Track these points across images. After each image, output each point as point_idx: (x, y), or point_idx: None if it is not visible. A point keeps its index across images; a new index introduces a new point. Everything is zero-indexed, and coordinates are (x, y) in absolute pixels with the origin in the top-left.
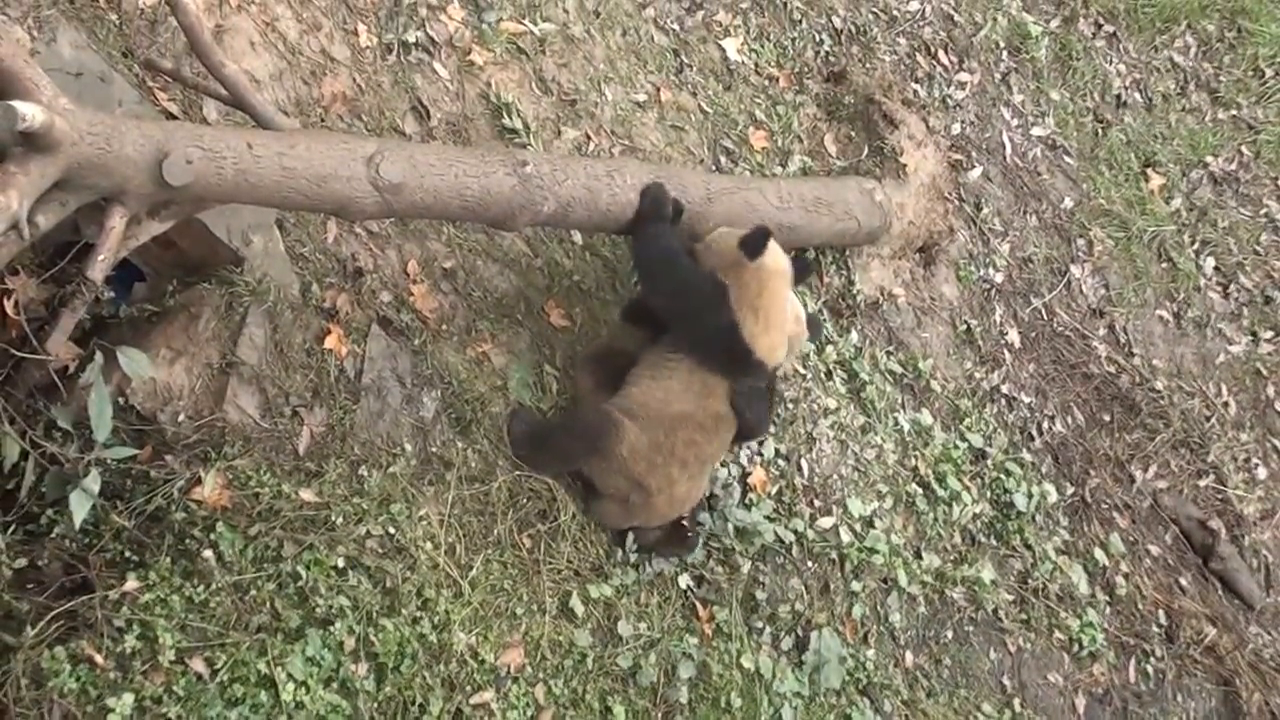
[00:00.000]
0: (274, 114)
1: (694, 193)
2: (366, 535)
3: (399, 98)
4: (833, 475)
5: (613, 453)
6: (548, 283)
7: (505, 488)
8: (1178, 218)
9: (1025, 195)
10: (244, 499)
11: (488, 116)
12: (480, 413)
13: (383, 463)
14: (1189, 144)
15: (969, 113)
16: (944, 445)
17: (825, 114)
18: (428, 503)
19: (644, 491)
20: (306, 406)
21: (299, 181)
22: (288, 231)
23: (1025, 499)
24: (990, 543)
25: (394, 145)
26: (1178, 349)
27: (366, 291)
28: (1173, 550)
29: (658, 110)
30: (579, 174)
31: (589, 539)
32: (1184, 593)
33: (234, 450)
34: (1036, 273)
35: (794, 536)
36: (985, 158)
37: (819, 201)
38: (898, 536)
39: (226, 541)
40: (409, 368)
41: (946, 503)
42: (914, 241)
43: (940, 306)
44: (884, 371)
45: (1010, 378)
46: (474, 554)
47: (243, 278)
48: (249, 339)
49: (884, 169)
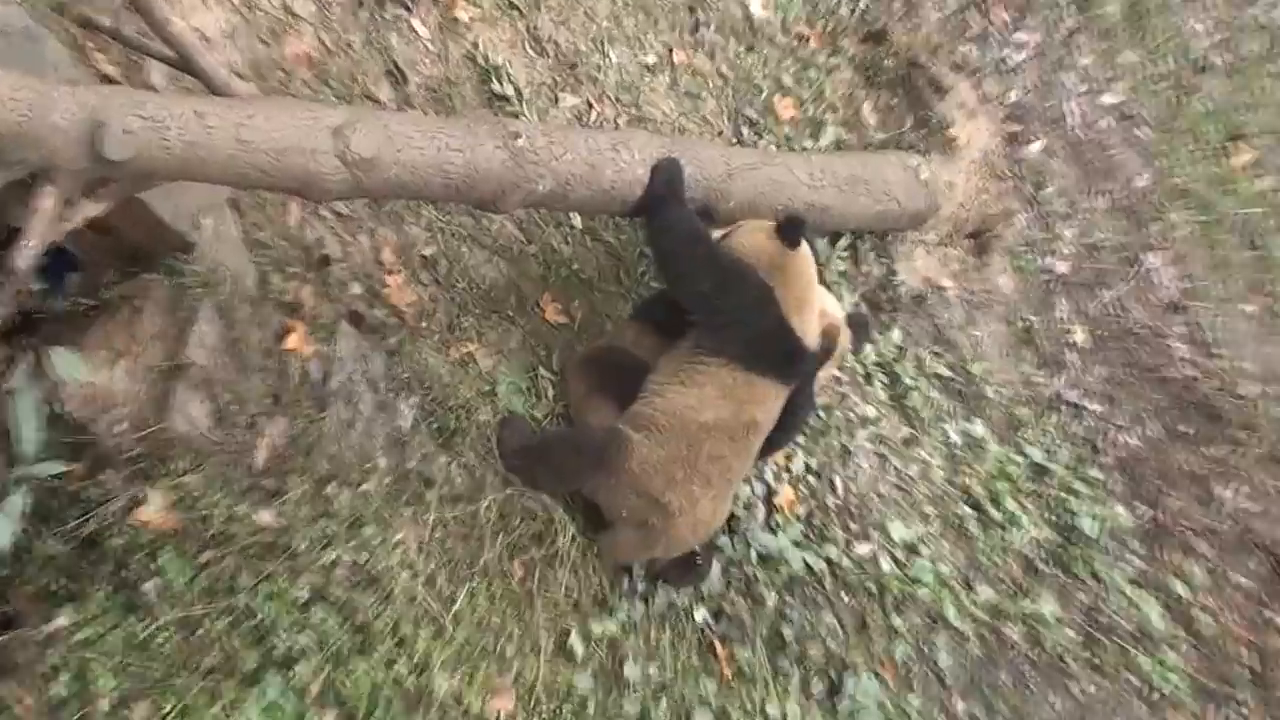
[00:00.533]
0: (228, 78)
1: (711, 169)
2: (334, 563)
3: (372, 60)
4: (871, 494)
5: (621, 469)
6: (543, 272)
7: (495, 508)
8: (1268, 198)
9: (1093, 173)
10: (193, 522)
11: (474, 81)
12: (465, 422)
13: (353, 480)
14: None
15: (1028, 78)
16: (999, 460)
17: (863, 79)
18: (405, 526)
19: (663, 512)
20: (265, 415)
21: (256, 156)
22: (243, 214)
23: (1093, 522)
24: (1052, 573)
25: (366, 115)
26: (1268, 349)
27: (334, 283)
28: (1263, 582)
29: (670, 74)
30: (579, 147)
31: (591, 567)
32: (1276, 631)
33: (181, 465)
34: (1105, 262)
35: (826, 565)
36: (1047, 130)
37: (855, 180)
38: (946, 565)
39: (173, 570)
40: (383, 371)
41: (1002, 526)
42: (964, 226)
43: (995, 300)
44: (930, 375)
45: (1075, 383)
46: (458, 585)
47: (192, 267)
48: (199, 337)
49: (930, 142)
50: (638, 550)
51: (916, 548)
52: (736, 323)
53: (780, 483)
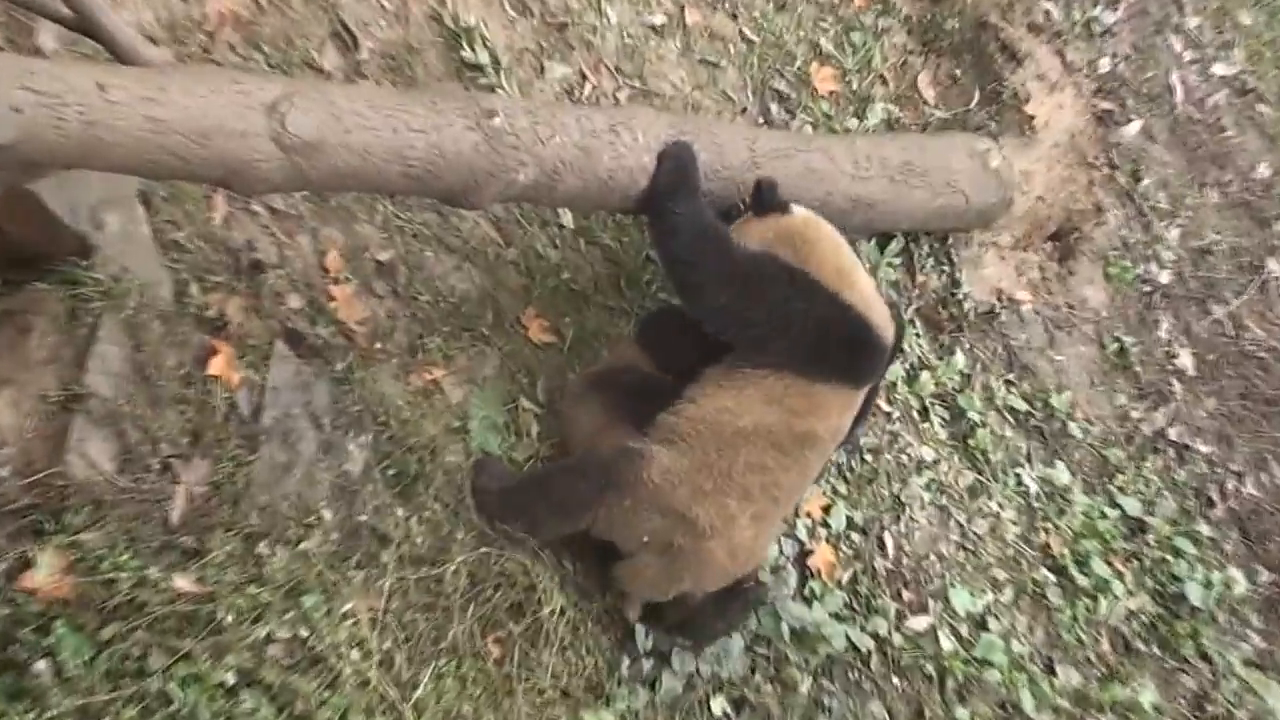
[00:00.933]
0: (137, 42)
1: (733, 156)
2: (267, 639)
3: (314, 19)
4: (929, 556)
5: (636, 485)
6: (525, 283)
7: (465, 572)
8: None
9: (1203, 160)
10: (93, 588)
11: (441, 46)
12: (429, 466)
13: (290, 537)
14: None
15: (1123, 43)
16: (1087, 514)
17: (919, 44)
18: (355, 593)
19: (691, 531)
20: (183, 457)
21: (172, 138)
22: (156, 209)
23: (1201, 590)
24: (1152, 651)
25: (307, 88)
26: None
27: (268, 294)
28: None
29: (682, 38)
30: (570, 128)
31: (583, 644)
32: None
33: (79, 519)
34: (1218, 269)
35: (874, 642)
36: (1146, 107)
37: (910, 168)
38: (1021, 643)
39: (69, 648)
40: (328, 402)
41: (1090, 595)
42: (1045, 225)
43: (1082, 317)
44: (1002, 409)
45: (1181, 418)
46: (420, 666)
47: (92, 274)
48: (101, 361)
49: (1003, 122)
50: (662, 582)
51: (984, 621)
52: (778, 327)
53: (817, 541)
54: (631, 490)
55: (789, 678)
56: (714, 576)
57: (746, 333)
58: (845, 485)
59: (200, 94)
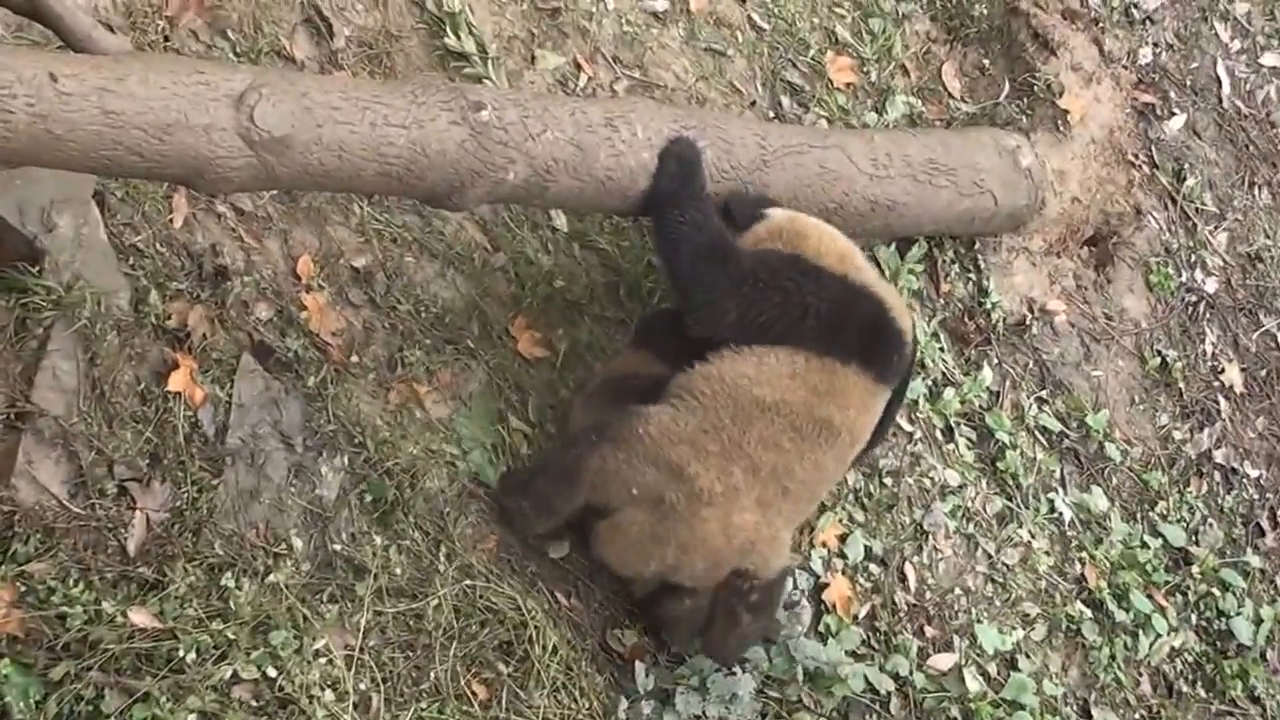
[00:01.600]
0: (92, 28)
1: (741, 153)
2: (233, 679)
3: (285, 5)
4: (954, 589)
5: (632, 438)
6: (514, 291)
7: (449, 606)
8: None
9: (1252, 158)
10: (44, 624)
11: (423, 34)
12: (410, 491)
13: (258, 568)
14: None
15: (1166, 30)
16: (1126, 543)
17: (944, 31)
18: (328, 630)
19: (687, 490)
20: (141, 481)
21: (129, 133)
22: (112, 211)
23: (1251, 626)
24: (1197, 693)
25: (277, 79)
26: None
27: (234, 304)
28: None
29: (685, 24)
30: (564, 123)
31: (577, 685)
32: None
33: (28, 548)
34: (1269, 278)
35: (894, 683)
36: (1191, 100)
37: (934, 166)
38: (1054, 684)
39: (16, 689)
40: (299, 421)
41: (1129, 631)
42: (1080, 229)
43: (1121, 329)
44: (1034, 429)
45: (1229, 439)
46: (399, 709)
47: (42, 281)
48: (52, 376)
49: (1035, 117)
50: (644, 545)
51: (1014, 660)
52: (793, 319)
53: (832, 573)
54: (626, 444)
55: None
56: (703, 552)
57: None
58: (863, 512)
59: (161, 85)
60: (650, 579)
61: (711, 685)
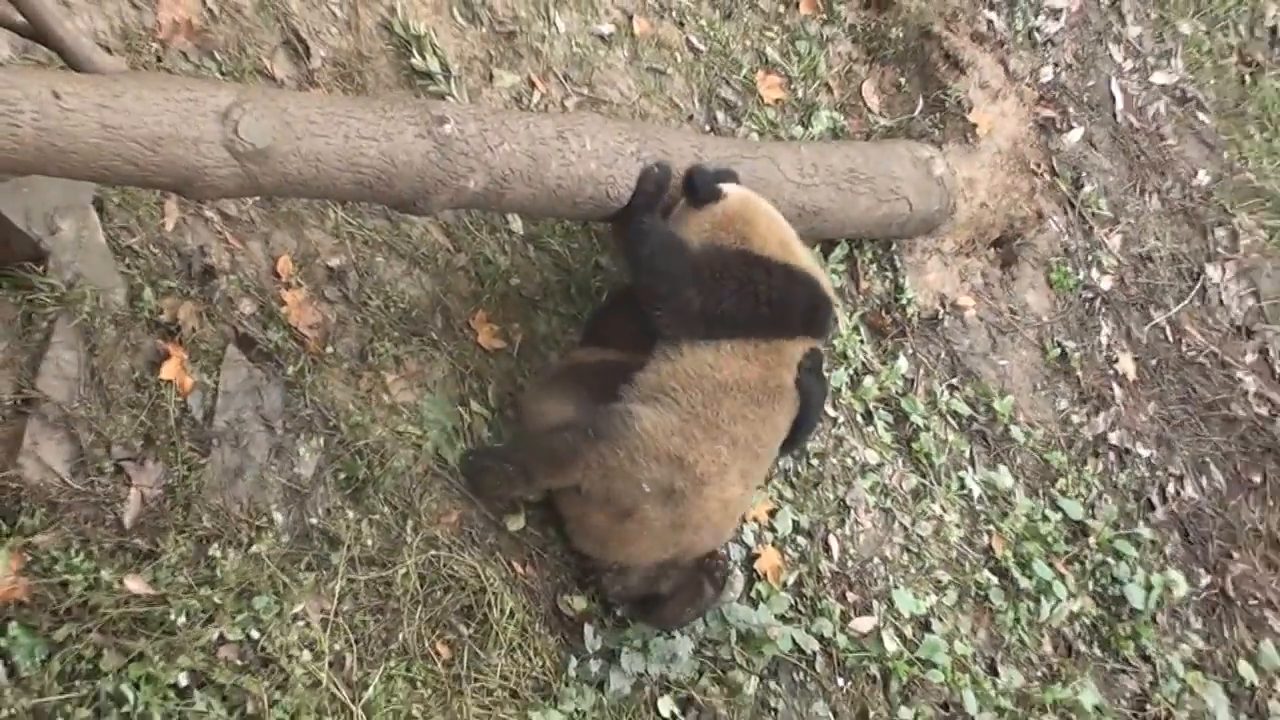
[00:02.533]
0: (91, 50)
1: (680, 162)
2: (219, 641)
3: (266, 28)
4: (873, 558)
5: (628, 437)
6: (475, 288)
7: (415, 574)
8: None
9: (1143, 168)
10: (47, 590)
11: (391, 55)
12: (379, 469)
13: (242, 539)
14: None
15: (1065, 52)
16: (1029, 516)
17: (864, 53)
18: (305, 595)
19: (691, 475)
20: (136, 460)
21: (125, 145)
22: (110, 215)
23: (1142, 592)
24: (1093, 653)
25: (259, 96)
26: None
27: (220, 300)
28: None
29: (630, 46)
30: (519, 136)
31: (531, 646)
32: None
33: (33, 521)
34: (1159, 276)
35: (819, 644)
36: (1088, 115)
37: (855, 175)
38: (964, 644)
39: (22, 649)
40: (279, 406)
41: (1032, 597)
42: (987, 231)
43: (1024, 323)
44: (945, 413)
45: (1122, 422)
46: (371, 667)
47: (46, 280)
48: (55, 365)
49: (946, 130)
50: (664, 534)
51: (928, 622)
52: (746, 308)
53: (763, 544)
54: (624, 441)
55: (734, 680)
56: (709, 529)
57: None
58: (791, 490)
59: (153, 101)
60: (665, 564)
61: (653, 646)
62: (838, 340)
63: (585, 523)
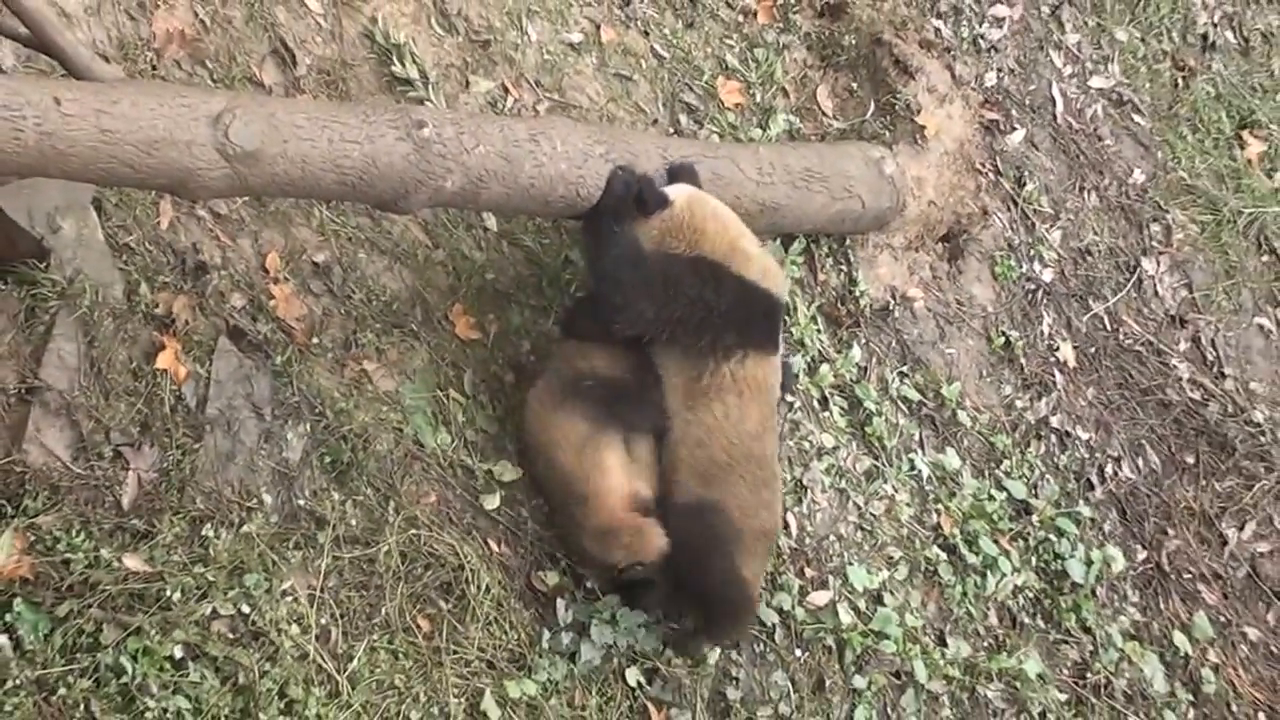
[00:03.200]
0: (90, 59)
1: (646, 163)
2: (212, 615)
3: (255, 38)
4: (829, 536)
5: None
6: (452, 282)
7: (396, 552)
8: None
9: (1082, 167)
10: (50, 568)
11: (373, 62)
12: (363, 453)
13: (234, 520)
14: None
15: (1008, 58)
16: (975, 496)
17: (818, 59)
18: (293, 572)
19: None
20: (133, 445)
21: (122, 148)
22: (108, 215)
23: (1082, 567)
24: (1036, 624)
25: (248, 101)
26: None
27: (212, 293)
28: (1277, 634)
29: (597, 54)
30: (493, 138)
31: (506, 619)
32: None
33: (36, 503)
34: (1097, 269)
35: (778, 617)
36: (1029, 117)
37: (810, 174)
38: (915, 616)
39: (27, 624)
40: (268, 394)
41: (979, 572)
42: (935, 227)
43: (970, 313)
44: (896, 398)
45: (1063, 407)
46: (355, 640)
47: (49, 275)
48: (57, 356)
49: (896, 132)
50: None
51: (880, 596)
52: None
53: None
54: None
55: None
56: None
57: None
58: None
59: (149, 107)
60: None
61: (621, 619)
62: (795, 329)
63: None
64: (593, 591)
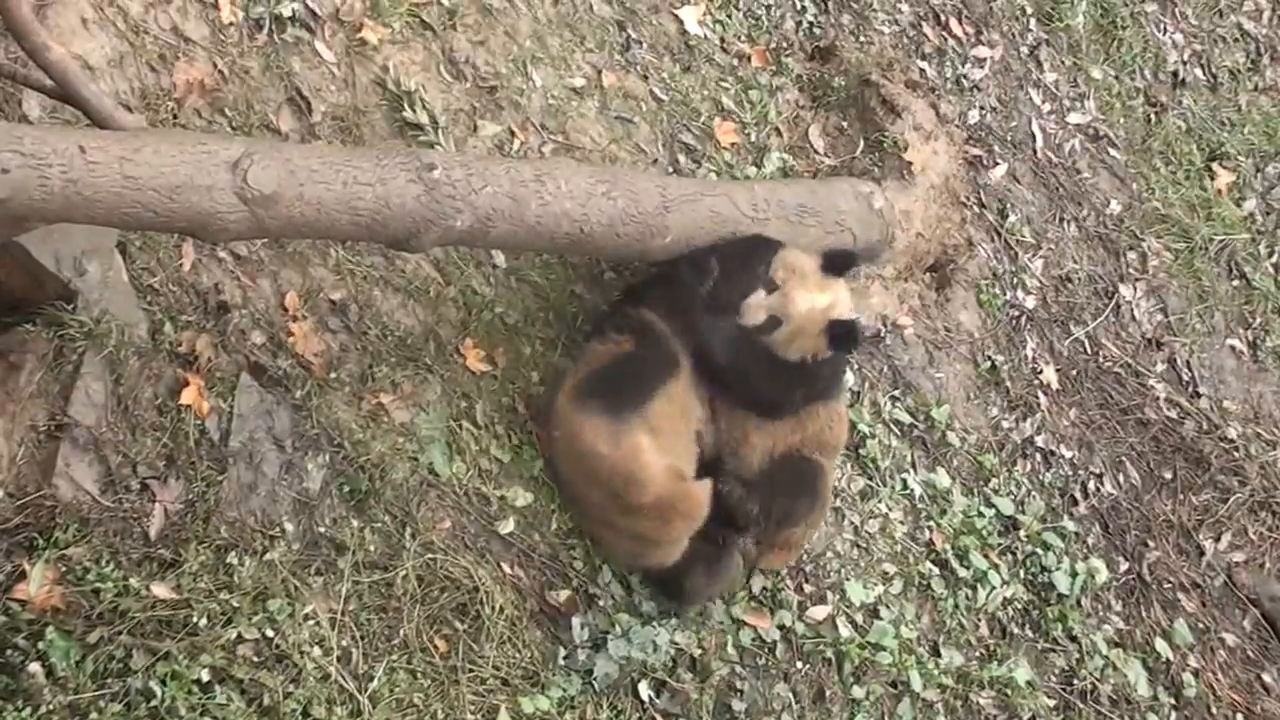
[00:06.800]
0: (113, 109)
1: (646, 201)
2: (238, 640)
3: (272, 87)
4: (826, 553)
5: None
6: (463, 316)
7: (413, 576)
8: (1252, 223)
9: (1061, 199)
10: (81, 597)
11: (385, 109)
12: (380, 482)
13: (257, 548)
14: (1264, 131)
15: (990, 96)
16: (965, 513)
17: (810, 100)
18: (315, 597)
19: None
20: (159, 478)
21: (146, 194)
22: (132, 258)
23: (1068, 579)
24: (1025, 634)
25: (266, 147)
26: (1255, 387)
27: (234, 332)
28: (1253, 639)
29: (599, 98)
30: (501, 179)
31: (520, 639)
32: (1268, 692)
33: (67, 535)
34: (1077, 295)
35: (779, 632)
36: (1011, 152)
37: (803, 210)
38: (909, 629)
39: (59, 651)
40: (288, 427)
41: (970, 585)
42: (923, 258)
43: (958, 339)
44: (888, 421)
45: (1047, 427)
46: (375, 661)
47: (76, 317)
48: (84, 394)
49: (884, 168)
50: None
51: (877, 610)
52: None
53: None
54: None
55: (704, 665)
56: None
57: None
58: None
59: (170, 154)
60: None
61: (634, 635)
62: None
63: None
64: (604, 609)
